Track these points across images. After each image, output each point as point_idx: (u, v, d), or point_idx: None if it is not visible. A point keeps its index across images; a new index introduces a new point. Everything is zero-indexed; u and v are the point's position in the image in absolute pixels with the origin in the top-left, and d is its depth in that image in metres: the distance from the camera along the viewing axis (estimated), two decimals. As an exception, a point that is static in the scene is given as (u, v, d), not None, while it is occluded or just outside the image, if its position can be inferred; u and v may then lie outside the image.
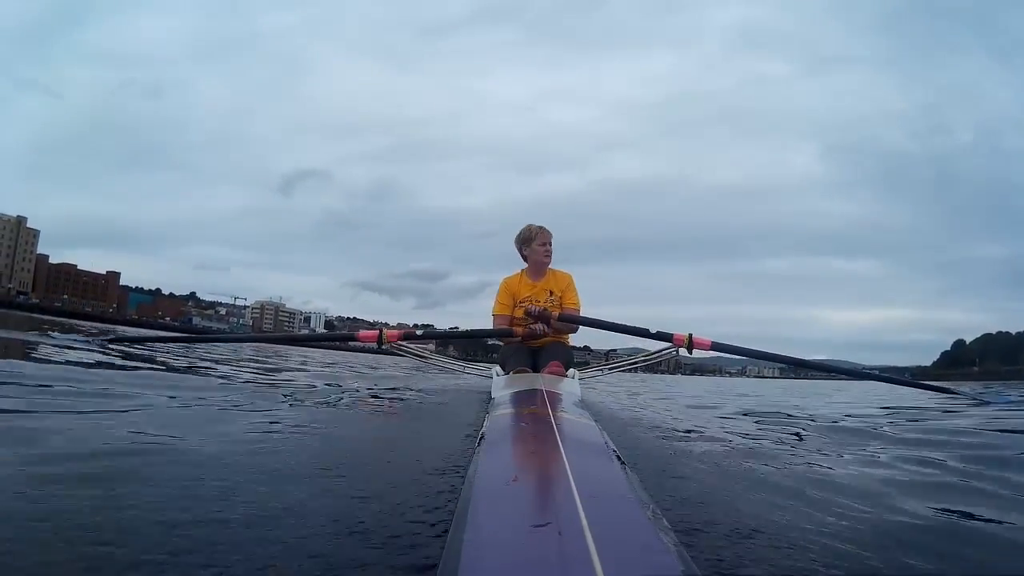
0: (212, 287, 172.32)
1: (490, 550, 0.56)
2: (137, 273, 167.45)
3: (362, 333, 3.25)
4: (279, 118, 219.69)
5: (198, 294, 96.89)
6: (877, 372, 4.21)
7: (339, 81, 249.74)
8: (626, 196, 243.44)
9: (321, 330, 60.54)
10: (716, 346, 3.09)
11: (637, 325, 3.07)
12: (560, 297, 3.15)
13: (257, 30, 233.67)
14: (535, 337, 2.96)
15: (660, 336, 3.05)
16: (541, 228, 3.13)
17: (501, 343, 3.31)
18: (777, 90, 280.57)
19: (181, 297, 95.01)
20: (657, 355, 3.23)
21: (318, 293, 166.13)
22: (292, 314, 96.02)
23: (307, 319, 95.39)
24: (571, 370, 2.76)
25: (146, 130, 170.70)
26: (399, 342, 3.14)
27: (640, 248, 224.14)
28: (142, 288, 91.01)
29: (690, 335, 3.01)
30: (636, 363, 3.60)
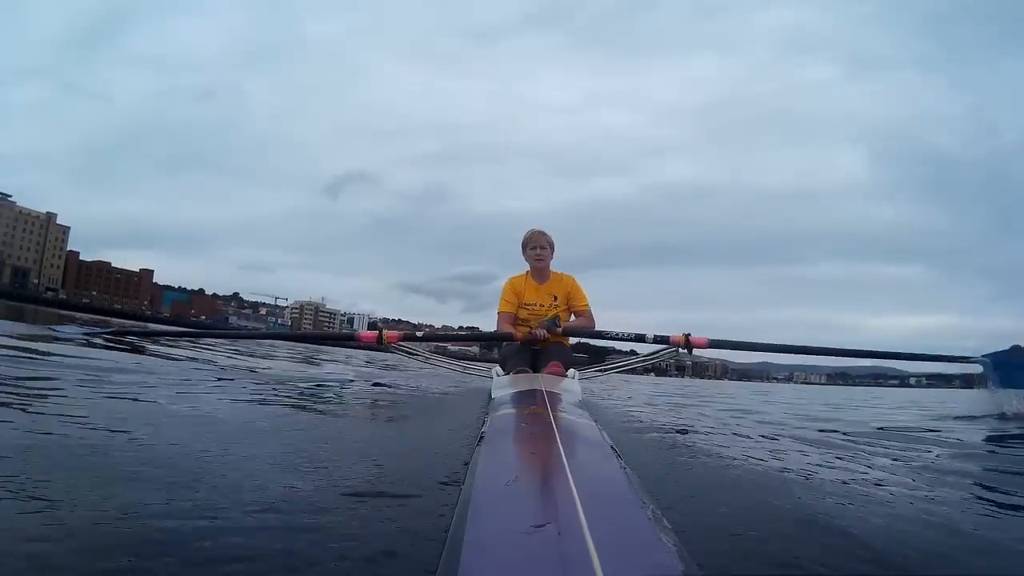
0: (258, 288, 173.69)
1: (490, 550, 0.56)
2: (183, 274, 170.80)
3: (362, 333, 3.26)
4: (327, 122, 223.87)
5: (241, 294, 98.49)
6: (881, 351, 3.81)
7: (387, 85, 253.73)
8: (672, 200, 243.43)
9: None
10: (714, 343, 3.13)
11: (637, 332, 3.13)
12: (565, 299, 3.17)
13: (305, 35, 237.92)
14: (535, 341, 2.98)
15: (657, 340, 3.08)
16: (536, 234, 3.16)
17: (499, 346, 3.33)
18: (823, 93, 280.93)
19: (224, 297, 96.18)
20: (657, 355, 3.25)
21: (365, 295, 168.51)
22: (332, 315, 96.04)
23: (350, 320, 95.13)
24: (571, 370, 2.76)
25: (194, 134, 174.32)
26: (399, 343, 3.16)
27: (685, 252, 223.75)
28: (184, 288, 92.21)
29: (687, 335, 3.03)
30: (635, 363, 3.62)
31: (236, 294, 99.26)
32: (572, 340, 3.30)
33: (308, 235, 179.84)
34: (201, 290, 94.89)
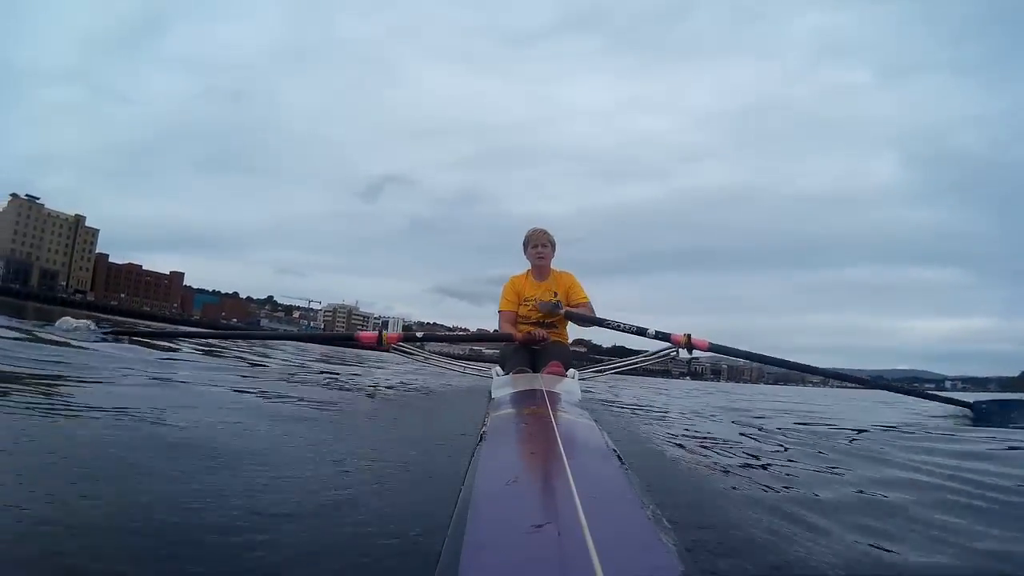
0: (294, 291, 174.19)
1: (490, 550, 0.56)
2: (218, 277, 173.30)
3: (362, 334, 3.26)
4: (363, 123, 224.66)
5: (276, 298, 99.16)
6: (885, 379, 4.03)
7: (424, 87, 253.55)
8: (706, 205, 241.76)
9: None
10: (713, 347, 3.13)
11: (639, 325, 3.11)
12: (565, 295, 3.19)
13: (340, 37, 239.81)
14: (535, 342, 2.98)
15: (659, 336, 3.08)
16: (537, 232, 3.20)
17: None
18: (857, 98, 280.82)
19: (258, 301, 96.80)
20: (657, 356, 3.25)
21: (400, 298, 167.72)
22: (366, 318, 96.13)
23: (385, 324, 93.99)
24: (571, 370, 2.76)
25: (230, 135, 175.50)
26: (399, 343, 3.16)
27: (719, 258, 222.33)
28: (218, 291, 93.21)
29: (688, 335, 3.04)
30: (636, 363, 3.61)
31: (270, 297, 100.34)
32: (572, 338, 3.31)
33: (344, 237, 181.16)
34: (235, 293, 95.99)
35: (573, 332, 3.40)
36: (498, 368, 3.05)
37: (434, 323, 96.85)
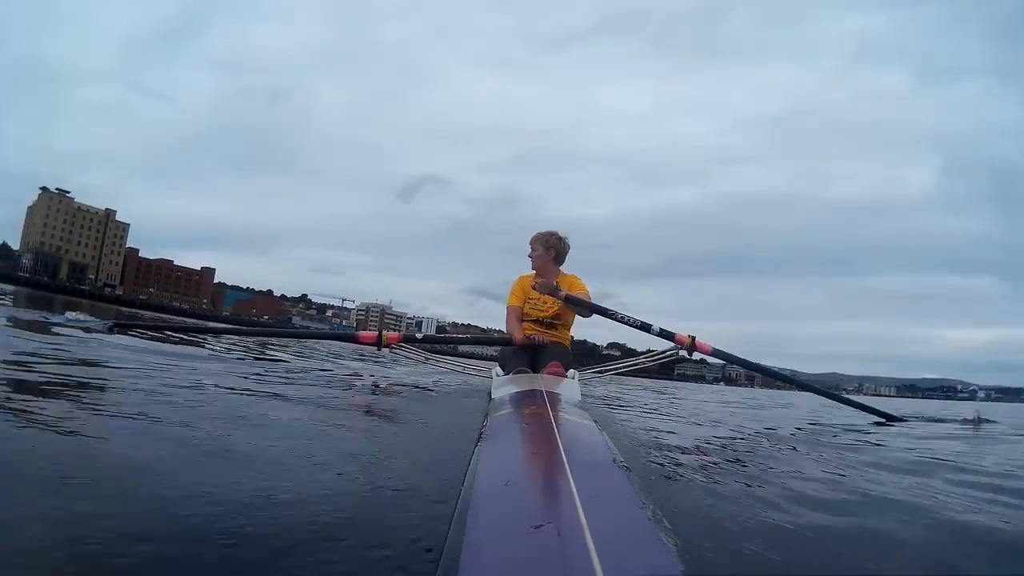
0: (330, 290, 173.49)
1: (490, 550, 0.56)
2: (254, 275, 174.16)
3: (362, 334, 3.27)
4: (399, 125, 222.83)
5: (310, 296, 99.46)
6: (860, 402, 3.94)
7: (461, 89, 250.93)
8: (743, 210, 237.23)
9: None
10: (716, 353, 3.13)
11: (643, 320, 3.08)
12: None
13: (377, 39, 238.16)
14: (535, 345, 2.99)
15: (663, 334, 3.07)
16: (536, 235, 3.20)
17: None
18: (895, 103, 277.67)
19: (292, 299, 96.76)
20: (660, 356, 3.25)
21: (435, 298, 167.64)
22: (399, 317, 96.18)
23: (418, 324, 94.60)
24: (571, 371, 2.76)
25: (267, 135, 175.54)
26: (398, 344, 3.17)
27: (755, 263, 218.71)
28: (252, 288, 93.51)
29: (692, 337, 3.04)
30: (637, 364, 3.61)
31: (304, 295, 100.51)
32: (571, 338, 3.31)
33: (380, 238, 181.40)
34: (269, 291, 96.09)
35: (574, 332, 3.40)
36: (498, 368, 3.06)
37: (468, 324, 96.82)
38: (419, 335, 3.44)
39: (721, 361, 3.46)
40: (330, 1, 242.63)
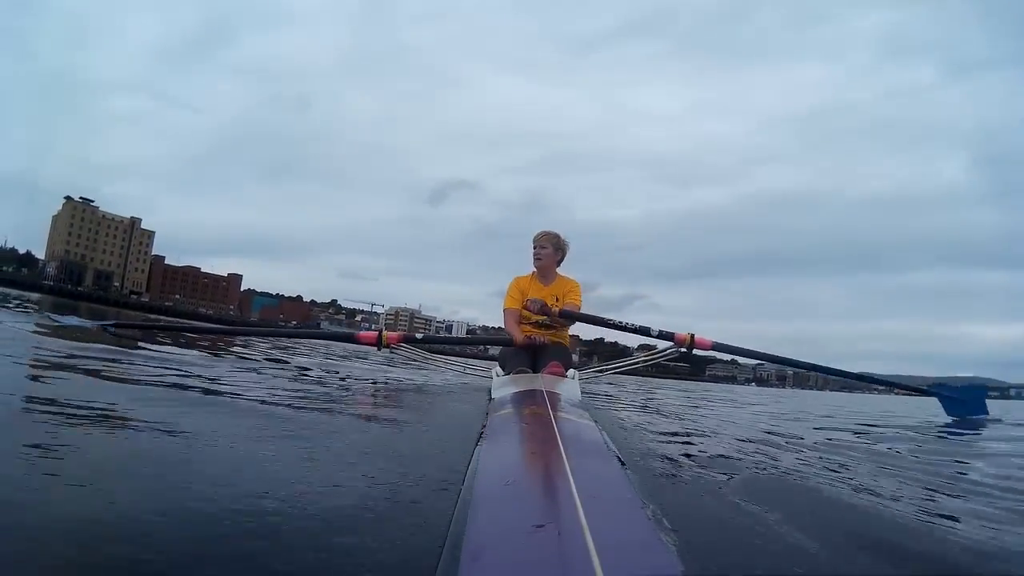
0: (360, 294, 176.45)
1: (490, 550, 0.56)
2: (283, 281, 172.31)
3: (362, 334, 3.28)
4: (427, 130, 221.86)
5: (339, 301, 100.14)
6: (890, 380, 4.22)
7: (489, 93, 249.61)
8: (773, 209, 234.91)
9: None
10: (717, 346, 3.15)
11: (641, 324, 3.11)
12: (560, 301, 3.21)
13: (404, 44, 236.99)
14: (535, 346, 2.99)
15: (663, 335, 3.09)
16: (539, 234, 3.22)
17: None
18: (924, 98, 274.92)
19: (322, 304, 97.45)
20: (660, 354, 3.27)
21: (465, 302, 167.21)
22: (428, 321, 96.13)
23: (448, 328, 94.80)
24: (571, 371, 2.77)
25: (292, 142, 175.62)
26: (399, 344, 3.18)
27: (786, 262, 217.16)
28: (281, 294, 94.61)
29: (692, 335, 3.06)
30: (637, 363, 3.62)
31: (334, 301, 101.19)
32: (573, 334, 3.33)
33: (409, 242, 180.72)
34: (299, 296, 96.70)
35: (575, 332, 3.41)
36: (498, 368, 3.07)
37: (498, 327, 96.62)
38: (419, 335, 3.45)
39: (754, 360, 3.50)
40: (356, 7, 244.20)
